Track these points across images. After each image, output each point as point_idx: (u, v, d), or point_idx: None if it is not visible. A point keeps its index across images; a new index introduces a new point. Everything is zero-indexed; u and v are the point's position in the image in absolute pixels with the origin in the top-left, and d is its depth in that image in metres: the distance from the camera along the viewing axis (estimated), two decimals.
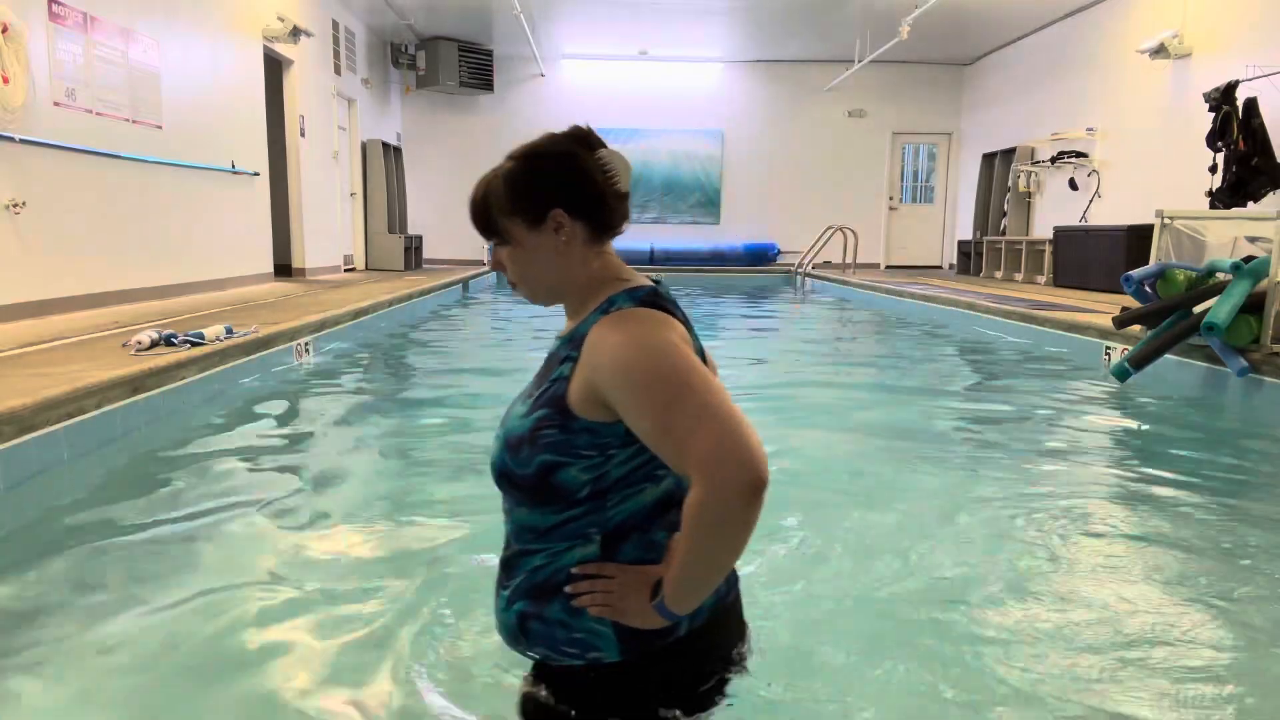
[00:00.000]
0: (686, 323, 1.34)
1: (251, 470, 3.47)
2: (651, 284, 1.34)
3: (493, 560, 2.52)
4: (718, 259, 15.35)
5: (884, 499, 3.20)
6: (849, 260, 14.18)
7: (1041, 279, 11.47)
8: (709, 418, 1.13)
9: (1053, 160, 12.05)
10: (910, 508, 3.09)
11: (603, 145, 1.34)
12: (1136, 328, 5.39)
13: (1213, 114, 8.22)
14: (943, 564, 2.56)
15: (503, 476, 1.32)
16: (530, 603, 1.32)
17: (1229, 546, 2.73)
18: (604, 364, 1.21)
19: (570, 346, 1.29)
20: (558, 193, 1.31)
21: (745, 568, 2.49)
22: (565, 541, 1.30)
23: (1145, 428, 4.79)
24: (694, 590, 1.24)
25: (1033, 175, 12.78)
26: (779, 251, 15.65)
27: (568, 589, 1.29)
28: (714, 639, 1.37)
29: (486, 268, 14.06)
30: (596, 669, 1.30)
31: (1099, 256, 9.76)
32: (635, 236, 15.80)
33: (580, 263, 1.33)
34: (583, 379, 1.24)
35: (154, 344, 4.44)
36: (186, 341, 4.56)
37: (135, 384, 3.82)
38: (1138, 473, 3.73)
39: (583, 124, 1.37)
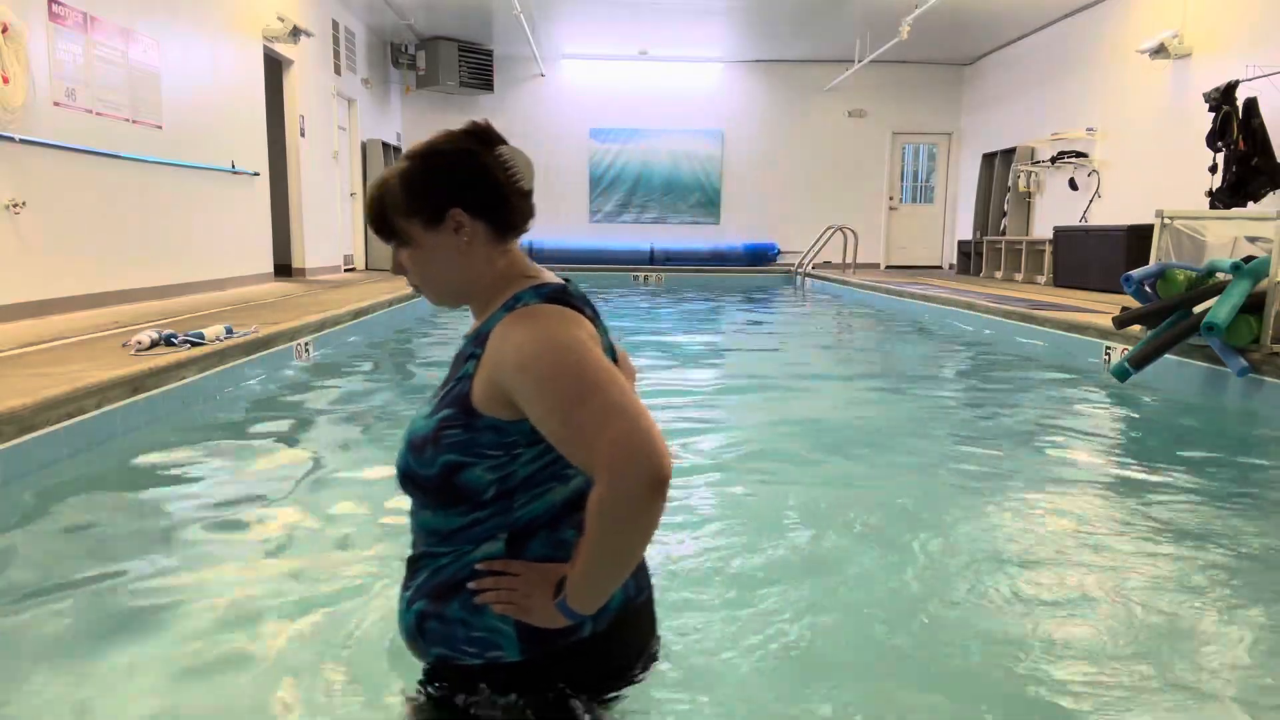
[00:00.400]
0: (597, 320, 1.32)
1: (252, 470, 3.47)
2: (560, 282, 1.32)
3: None
4: (718, 259, 15.35)
5: (881, 498, 3.20)
6: (849, 260, 14.18)
7: (1041, 279, 11.46)
8: (613, 414, 1.12)
9: (1053, 160, 12.05)
10: (908, 507, 3.09)
11: (503, 142, 1.32)
12: (1136, 328, 5.39)
13: (1213, 114, 8.22)
14: (940, 563, 2.56)
15: (406, 478, 1.28)
16: (430, 602, 1.28)
17: (1229, 546, 2.73)
18: (508, 360, 1.19)
19: (475, 344, 1.27)
20: (456, 192, 1.28)
21: (743, 560, 2.49)
22: (471, 544, 1.26)
23: (1145, 428, 4.79)
24: (597, 589, 1.22)
25: (1033, 175, 12.78)
26: (779, 251, 15.65)
27: (470, 585, 1.25)
28: (621, 639, 1.33)
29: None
30: (496, 669, 1.26)
31: (1099, 256, 9.76)
32: (635, 236, 15.82)
33: (484, 262, 1.30)
34: (486, 376, 1.22)
35: (154, 344, 4.44)
36: (186, 341, 4.56)
37: (135, 384, 3.82)
38: (1137, 473, 3.72)
39: (481, 120, 1.34)
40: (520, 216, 1.33)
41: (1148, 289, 5.17)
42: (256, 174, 9.18)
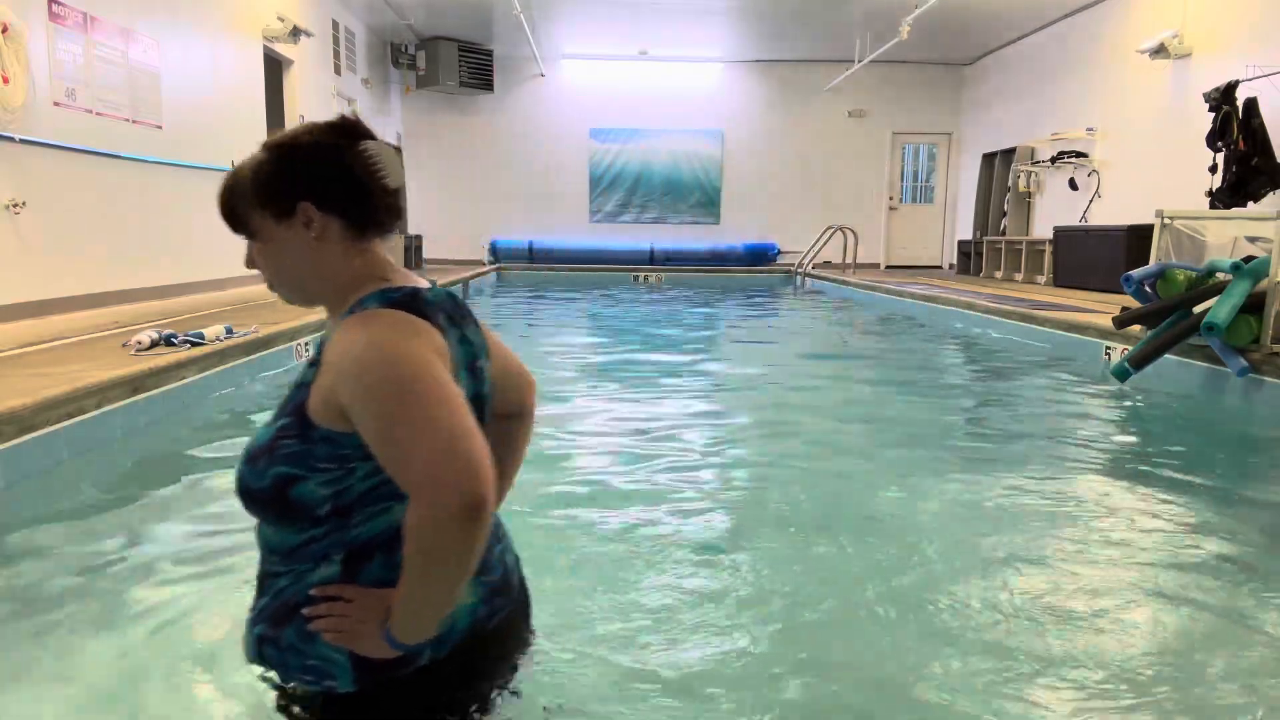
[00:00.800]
0: (462, 330, 1.25)
1: None
2: (415, 287, 1.24)
3: None
4: (718, 259, 15.35)
5: (880, 497, 3.20)
6: (849, 260, 14.18)
7: (1041, 279, 11.46)
8: (430, 432, 1.05)
9: (1053, 160, 12.05)
10: (907, 506, 3.09)
11: (370, 137, 1.24)
12: (1136, 328, 5.39)
13: (1213, 114, 8.22)
14: (938, 563, 2.56)
15: (242, 491, 1.21)
16: (268, 626, 1.22)
17: (1229, 546, 2.73)
18: (338, 367, 1.13)
19: (320, 350, 1.21)
20: (308, 185, 1.21)
21: (741, 554, 2.49)
22: (309, 563, 1.20)
23: (1145, 428, 4.79)
24: (419, 618, 1.14)
25: (1033, 175, 12.78)
26: (779, 251, 15.65)
27: (305, 611, 1.19)
28: (469, 667, 1.26)
29: (486, 268, 14.07)
30: (332, 699, 1.20)
31: (1099, 256, 9.76)
32: (635, 236, 15.82)
33: (338, 260, 1.23)
34: (322, 384, 1.15)
35: (154, 344, 4.44)
36: (186, 341, 4.56)
37: (135, 384, 3.82)
38: (1137, 473, 3.72)
39: (349, 113, 1.28)
40: (382, 214, 1.25)
41: (1148, 289, 5.17)
42: None
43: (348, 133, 1.24)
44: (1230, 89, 8.10)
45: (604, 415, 4.56)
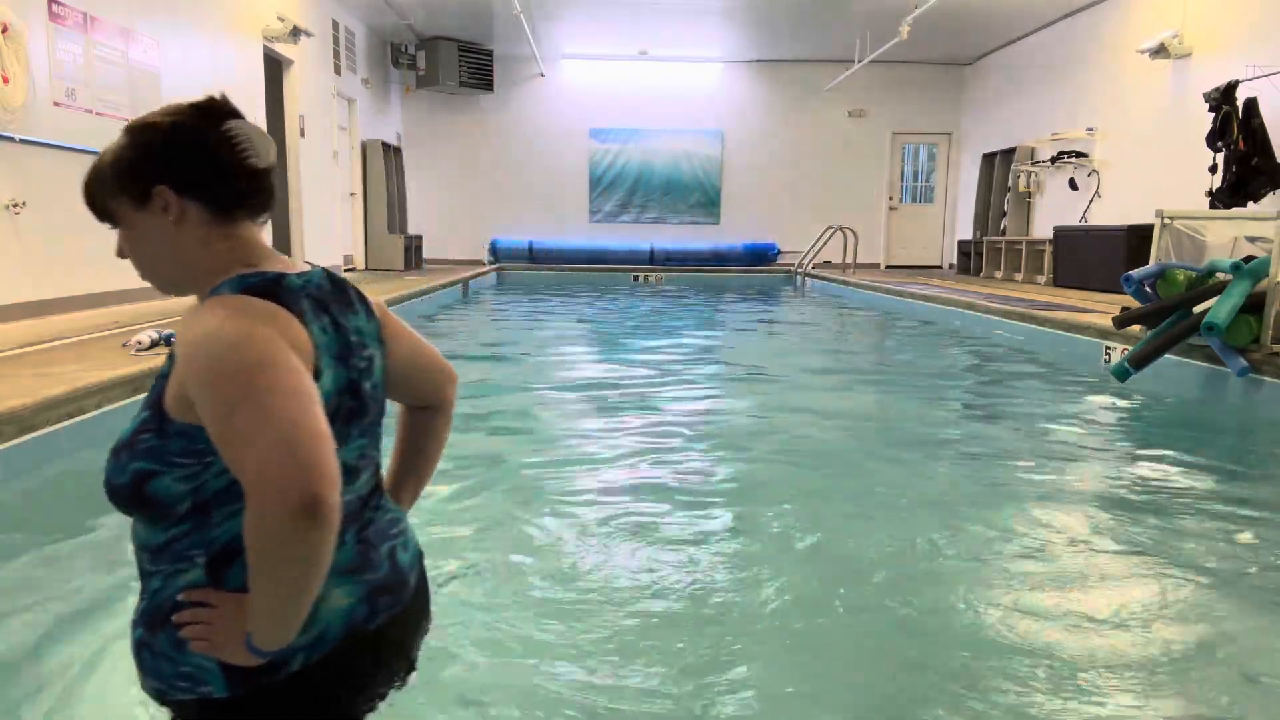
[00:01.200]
0: (328, 317, 1.19)
1: None
2: (278, 272, 1.18)
3: (491, 564, 2.53)
4: (718, 259, 15.35)
5: (879, 497, 3.20)
6: (849, 260, 14.18)
7: (1041, 279, 11.46)
8: (266, 425, 0.99)
9: (1053, 160, 12.05)
10: (906, 505, 3.09)
11: (236, 116, 1.19)
12: (1136, 328, 5.39)
13: (1213, 114, 8.22)
14: (936, 563, 2.56)
15: (105, 486, 1.18)
16: (145, 630, 1.18)
17: (1229, 546, 2.73)
18: (181, 356, 1.09)
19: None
20: (164, 168, 1.16)
21: (737, 554, 2.49)
22: (174, 563, 1.16)
23: (1145, 428, 4.79)
24: (275, 623, 1.08)
25: (1033, 175, 12.78)
26: (779, 251, 15.65)
27: (174, 618, 1.15)
28: (345, 670, 1.21)
29: (486, 268, 14.07)
30: (209, 704, 1.16)
31: (1099, 256, 9.76)
32: (635, 236, 15.82)
33: (199, 246, 1.18)
34: (176, 376, 1.11)
35: (154, 344, 4.44)
36: None
37: (135, 384, 3.81)
38: (1137, 473, 3.72)
39: (217, 94, 1.22)
40: (248, 196, 1.20)
41: (1148, 289, 5.17)
42: None
43: (211, 113, 1.19)
44: (1230, 89, 8.10)
45: (603, 414, 4.56)
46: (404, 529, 1.37)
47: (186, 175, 1.16)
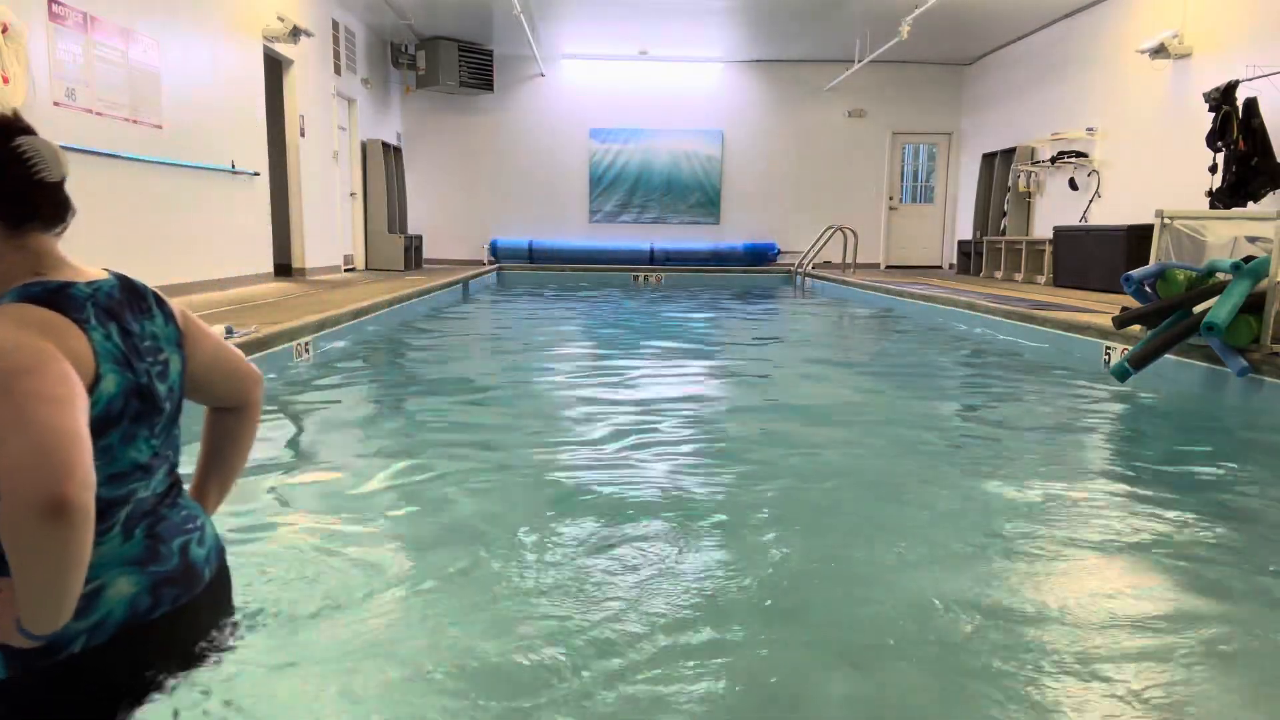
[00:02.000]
0: (114, 325, 1.24)
1: (250, 470, 3.46)
2: (64, 281, 1.25)
3: (494, 560, 2.53)
4: (718, 259, 15.35)
5: (878, 497, 3.20)
6: (849, 260, 14.18)
7: (1041, 279, 11.47)
8: (22, 428, 1.04)
9: (1053, 160, 12.05)
10: (906, 505, 3.09)
11: (27, 132, 1.25)
12: (1136, 328, 5.40)
13: (1213, 114, 8.23)
14: (935, 563, 2.56)
15: None
16: None
17: (1229, 546, 2.73)
18: None
19: None
20: None
21: (735, 553, 2.49)
22: None
23: (1145, 428, 4.79)
24: (39, 610, 1.13)
25: (1033, 175, 12.79)
26: (779, 251, 15.66)
27: None
28: (125, 656, 1.26)
29: (486, 268, 14.08)
30: None
31: (1099, 256, 9.77)
32: (635, 236, 15.83)
33: None
34: None
35: None
36: None
37: None
38: (1137, 473, 3.72)
39: (10, 111, 1.28)
40: (36, 209, 1.25)
41: (1148, 289, 5.18)
42: (257, 174, 9.18)
43: (2, 129, 1.23)
44: (1230, 89, 8.10)
45: (603, 414, 4.56)
46: (200, 525, 1.44)
47: None
